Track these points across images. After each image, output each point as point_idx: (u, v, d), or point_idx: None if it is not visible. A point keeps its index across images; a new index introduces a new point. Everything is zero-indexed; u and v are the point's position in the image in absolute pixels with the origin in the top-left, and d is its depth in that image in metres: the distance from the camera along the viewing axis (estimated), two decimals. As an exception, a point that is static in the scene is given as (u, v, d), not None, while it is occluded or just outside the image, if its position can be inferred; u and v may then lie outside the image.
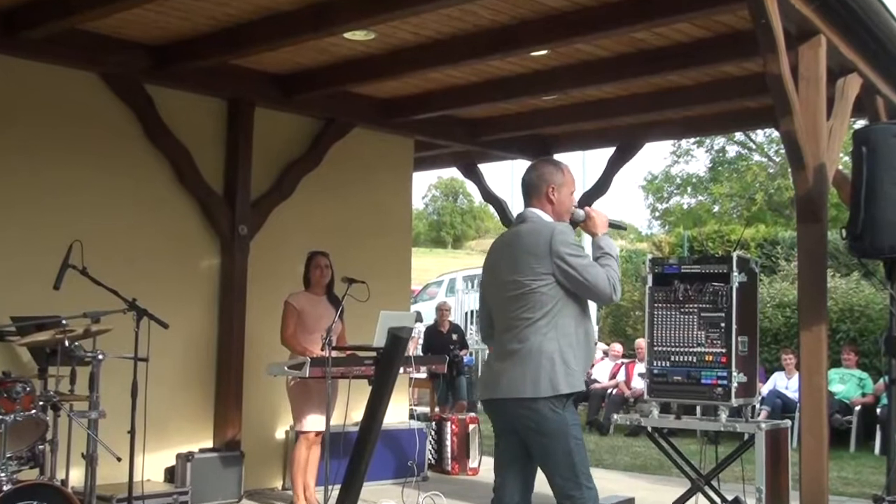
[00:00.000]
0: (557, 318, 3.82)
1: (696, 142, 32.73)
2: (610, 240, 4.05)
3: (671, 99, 7.95)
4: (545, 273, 3.83)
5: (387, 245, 9.05)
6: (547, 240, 3.85)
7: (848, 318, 12.46)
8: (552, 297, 3.82)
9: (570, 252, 3.81)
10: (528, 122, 8.96)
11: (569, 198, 4.06)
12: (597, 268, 3.85)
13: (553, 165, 4.09)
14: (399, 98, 8.27)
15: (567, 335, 3.83)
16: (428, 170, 11.08)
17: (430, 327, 12.33)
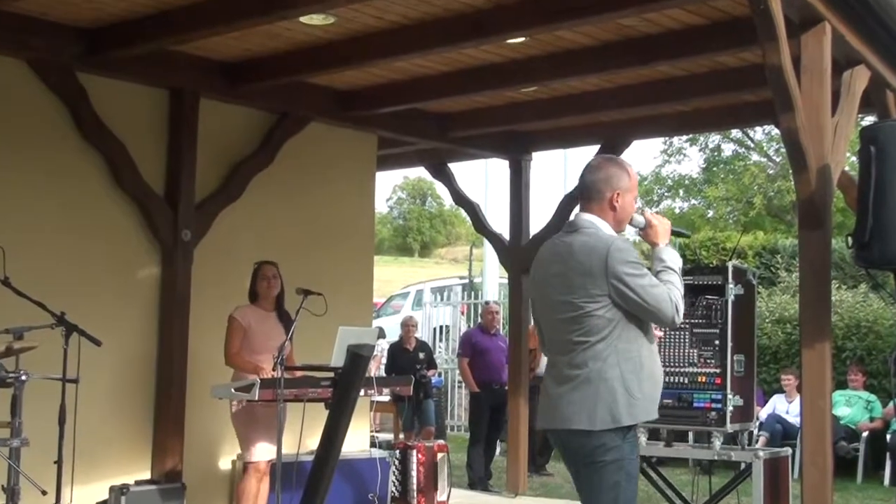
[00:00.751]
0: (617, 341, 3.80)
1: (688, 139, 32.94)
2: (673, 251, 4.02)
3: (662, 92, 7.98)
4: (601, 295, 3.80)
5: (347, 253, 9.02)
6: (602, 258, 3.80)
7: (854, 334, 12.54)
8: (610, 320, 3.80)
9: (629, 272, 3.77)
10: (503, 117, 8.97)
11: (632, 204, 4.03)
12: (658, 287, 3.82)
13: (619, 167, 4.03)
14: (361, 89, 8.24)
15: (630, 360, 3.80)
16: (393, 169, 11.05)
17: (395, 345, 12.29)
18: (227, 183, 8.02)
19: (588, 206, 4.00)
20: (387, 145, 9.59)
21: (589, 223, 3.95)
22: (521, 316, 9.80)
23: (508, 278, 10.14)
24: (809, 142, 5.40)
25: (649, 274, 3.84)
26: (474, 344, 10.95)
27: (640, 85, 8.00)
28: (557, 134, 9.71)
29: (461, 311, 17.57)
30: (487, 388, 10.71)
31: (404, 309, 21.95)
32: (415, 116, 8.97)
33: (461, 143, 9.56)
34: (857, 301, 13.04)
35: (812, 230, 5.51)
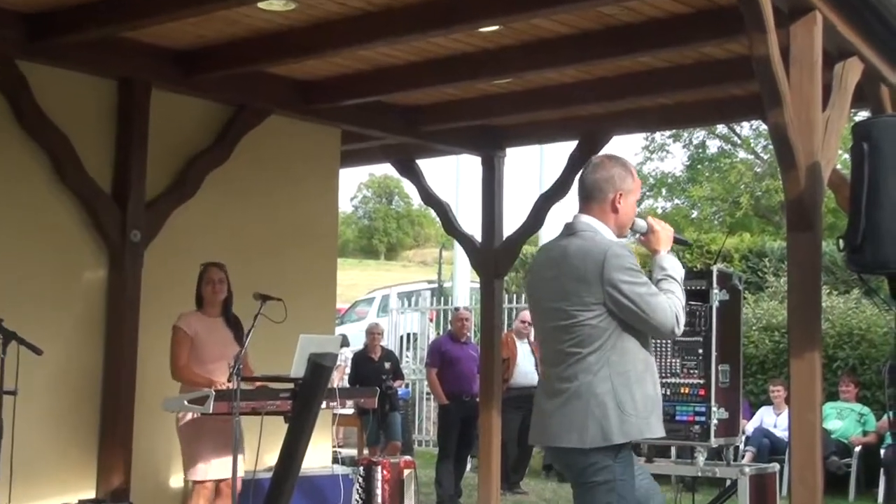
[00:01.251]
0: (611, 353, 3.83)
1: (672, 135, 33.10)
2: (675, 259, 4.06)
3: (643, 85, 8.01)
4: (595, 303, 3.83)
5: (308, 255, 9.01)
6: (598, 263, 3.83)
7: (847, 343, 12.63)
8: (604, 330, 3.83)
9: (626, 279, 3.81)
10: (475, 111, 8.98)
11: (634, 207, 4.08)
12: (658, 297, 3.85)
13: (623, 167, 4.07)
14: (323, 80, 8.23)
15: (623, 373, 3.82)
16: (358, 166, 11.03)
17: (359, 354, 12.29)
18: (180, 180, 7.98)
19: (588, 206, 4.04)
20: (351, 140, 9.57)
21: (587, 226, 3.99)
22: (494, 323, 9.81)
23: (480, 282, 10.15)
24: (799, 138, 5.43)
25: (648, 282, 3.86)
26: (444, 353, 10.96)
27: (620, 77, 8.03)
28: (533, 129, 9.73)
29: (430, 318, 17.55)
30: (457, 400, 10.71)
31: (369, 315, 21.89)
32: (381, 109, 8.96)
33: (430, 139, 9.55)
34: (850, 307, 13.13)
35: (801, 232, 5.55)
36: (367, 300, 24.11)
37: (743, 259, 17.70)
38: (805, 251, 5.56)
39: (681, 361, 5.65)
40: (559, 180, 9.63)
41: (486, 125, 9.67)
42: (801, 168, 5.46)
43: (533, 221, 9.74)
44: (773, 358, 13.05)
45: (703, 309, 5.64)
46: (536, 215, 9.70)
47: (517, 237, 9.79)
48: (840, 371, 12.29)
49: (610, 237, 3.97)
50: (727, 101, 8.49)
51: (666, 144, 34.09)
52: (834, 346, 12.55)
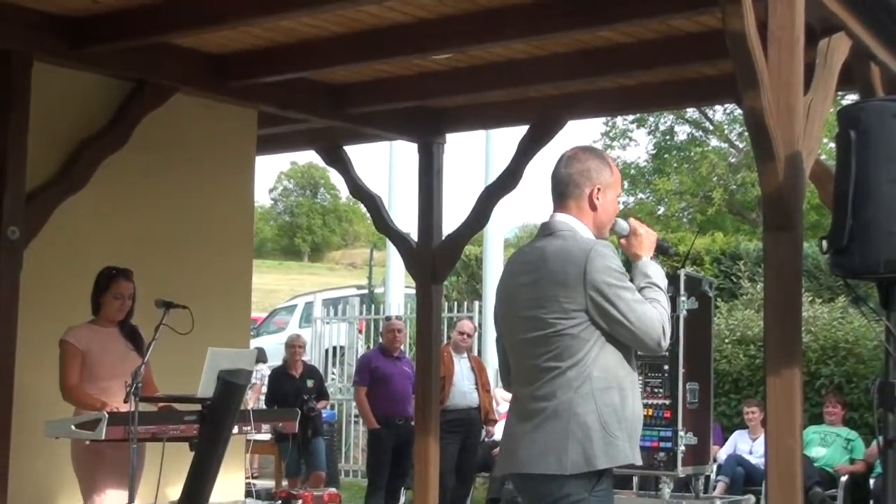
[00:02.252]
0: (593, 367, 3.87)
1: (635, 120, 33.33)
2: (657, 266, 4.11)
3: (604, 62, 8.05)
4: (576, 309, 3.87)
5: (219, 256, 8.96)
6: (580, 265, 3.87)
7: (831, 358, 12.77)
8: (585, 341, 3.87)
9: (611, 282, 3.85)
10: (412, 90, 8.97)
11: (614, 204, 4.13)
12: (644, 305, 3.90)
13: (599, 158, 4.14)
14: (237, 54, 8.18)
15: (607, 390, 3.86)
16: (277, 153, 11.00)
17: (278, 370, 12.23)
18: (67, 168, 7.89)
19: (563, 204, 4.09)
20: (269, 123, 9.52)
21: (566, 225, 4.04)
22: (431, 335, 9.80)
23: (416, 288, 10.13)
24: (777, 124, 5.48)
25: (634, 288, 3.92)
26: (374, 369, 10.94)
27: (577, 53, 8.06)
28: (477, 111, 9.74)
29: (359, 329, 17.50)
30: (389, 424, 10.70)
31: (290, 326, 21.77)
32: (304, 88, 8.92)
33: (360, 122, 9.53)
34: (835, 318, 13.28)
35: (780, 231, 5.59)
36: (287, 308, 23.98)
37: (715, 262, 17.86)
38: (784, 253, 5.61)
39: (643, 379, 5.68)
40: (507, 170, 9.65)
41: (424, 107, 9.66)
42: (780, 159, 5.50)
43: (477, 218, 9.74)
44: (748, 375, 13.16)
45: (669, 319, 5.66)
46: (481, 211, 9.71)
47: (458, 236, 9.79)
48: (824, 390, 12.41)
49: (588, 235, 4.02)
50: (698, 81, 8.55)
51: (629, 131, 34.37)
52: (817, 362, 12.68)
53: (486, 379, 11.68)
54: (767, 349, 5.64)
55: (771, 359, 5.55)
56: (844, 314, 13.41)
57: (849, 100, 18.27)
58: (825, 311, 13.46)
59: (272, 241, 66.41)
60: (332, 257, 63.78)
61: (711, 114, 32.13)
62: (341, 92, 9.15)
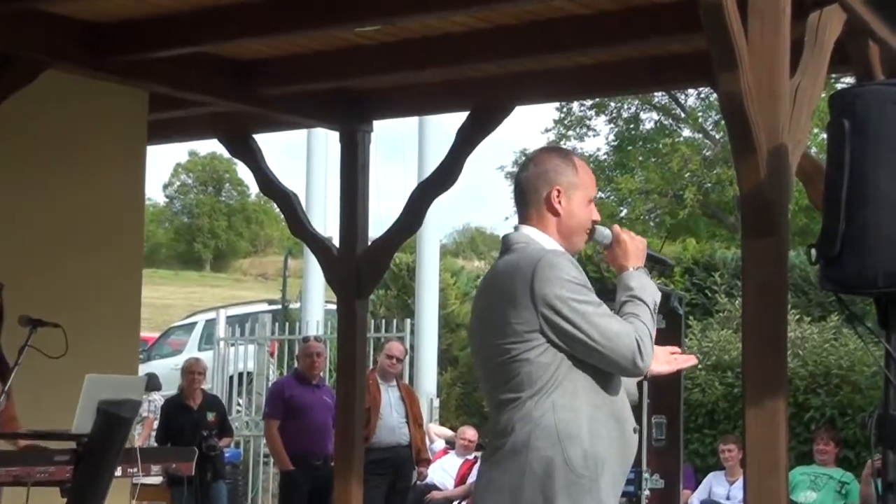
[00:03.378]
0: (557, 395, 3.89)
1: (593, 106, 33.46)
2: (645, 278, 4.15)
3: (556, 37, 8.06)
4: (530, 331, 3.89)
5: (101, 264, 8.88)
6: (526, 280, 3.90)
7: (822, 386, 12.86)
8: (545, 366, 3.89)
9: (563, 295, 3.88)
10: (331, 69, 8.95)
11: (585, 207, 4.15)
12: (610, 319, 3.92)
13: (561, 157, 4.18)
14: (123, 24, 8.12)
15: (573, 421, 3.88)
16: (173, 141, 10.95)
17: (172, 401, 12.14)
18: (-84, 160, 7.79)
19: (524, 214, 4.16)
20: (163, 106, 9.46)
21: (524, 237, 4.10)
22: (355, 358, 9.76)
23: (338, 303, 10.09)
24: (759, 112, 5.49)
25: (597, 301, 3.93)
26: (288, 399, 10.87)
27: (526, 26, 8.08)
28: (409, 95, 9.74)
29: (270, 352, 17.43)
30: (305, 465, 10.64)
31: (188, 348, 21.67)
32: (205, 65, 8.86)
33: (272, 106, 9.50)
34: (826, 340, 13.38)
35: (761, 238, 5.61)
36: (184, 327, 23.87)
37: (686, 273, 17.97)
38: (766, 263, 5.63)
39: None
40: (444, 164, 9.64)
41: (347, 89, 9.64)
42: (762, 152, 5.52)
43: (409, 220, 9.72)
44: (724, 407, 13.24)
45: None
46: (413, 212, 9.69)
47: (387, 241, 9.77)
48: (814, 424, 12.49)
49: (552, 247, 4.05)
50: (667, 61, 8.58)
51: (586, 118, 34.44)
52: (806, 391, 12.77)
53: (419, 411, 11.65)
54: (747, 376, 5.66)
55: (751, 388, 5.56)
56: (837, 335, 13.51)
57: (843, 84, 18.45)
58: (815, 331, 13.57)
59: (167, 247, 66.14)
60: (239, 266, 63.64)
61: (683, 99, 32.30)
62: (249, 70, 9.10)
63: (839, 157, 4.90)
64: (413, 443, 11.10)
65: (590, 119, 34.42)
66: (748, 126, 5.47)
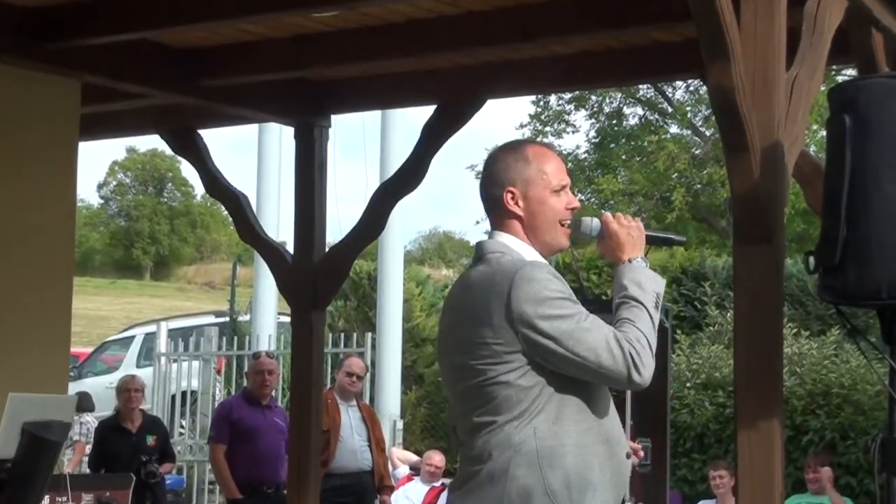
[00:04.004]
0: (540, 419, 3.90)
1: (573, 100, 33.49)
2: (641, 271, 4.10)
3: (533, 23, 8.06)
4: (510, 351, 3.90)
5: (25, 271, 8.83)
6: (502, 297, 3.90)
7: (822, 406, 12.89)
8: (527, 389, 3.90)
9: (542, 313, 3.87)
10: (287, 58, 8.94)
11: (549, 200, 4.12)
12: (595, 333, 3.89)
13: (509, 152, 4.19)
14: (54, 7, 8.10)
15: (555, 449, 3.88)
16: (109, 137, 10.93)
17: (108, 423, 12.12)
18: None
19: (493, 221, 4.19)
20: (98, 98, 9.42)
21: (499, 245, 4.10)
22: (311, 376, 9.74)
23: (292, 315, 10.08)
24: (752, 107, 5.51)
25: (579, 312, 3.92)
26: (236, 422, 10.85)
27: (498, 12, 8.08)
28: (371, 86, 9.73)
29: (217, 369, 17.40)
30: (255, 493, 10.63)
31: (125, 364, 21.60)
32: (145, 53, 8.84)
33: (220, 98, 9.48)
34: (826, 356, 13.41)
35: (754, 244, 5.62)
36: (121, 341, 23.80)
37: (674, 283, 17.99)
38: (760, 272, 5.64)
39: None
40: (409, 163, 9.63)
41: (303, 80, 9.63)
42: (756, 150, 5.53)
43: (370, 224, 9.71)
44: (715, 429, 13.25)
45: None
46: (373, 213, 9.67)
47: (346, 248, 9.76)
48: (812, 448, 12.51)
49: (532, 256, 4.05)
50: (652, 50, 8.60)
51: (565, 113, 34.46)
52: (804, 412, 12.79)
53: (380, 434, 11.64)
54: (739, 396, 5.67)
55: (744, 408, 5.58)
56: (838, 351, 13.54)
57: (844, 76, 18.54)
58: (814, 346, 13.60)
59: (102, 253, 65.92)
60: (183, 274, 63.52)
61: (670, 92, 32.38)
62: (195, 59, 9.08)
63: (839, 156, 4.92)
64: (375, 468, 11.08)
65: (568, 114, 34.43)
66: (740, 122, 5.49)
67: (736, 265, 5.81)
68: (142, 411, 12.03)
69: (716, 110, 5.68)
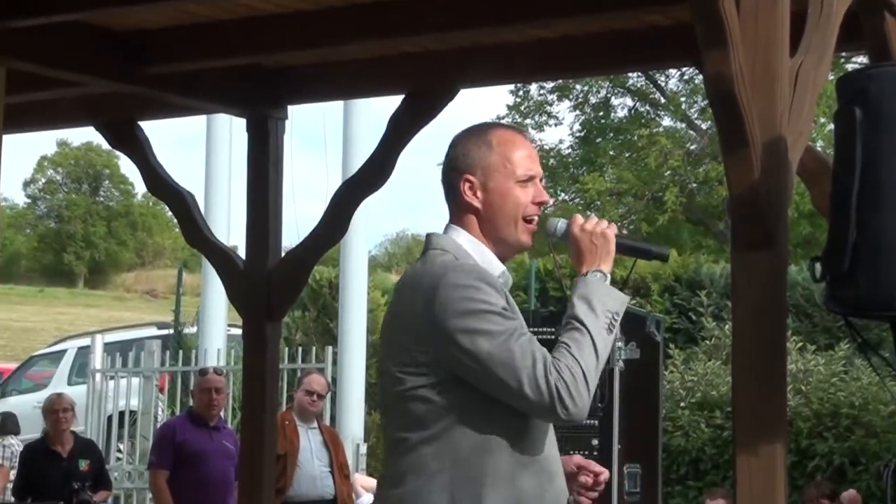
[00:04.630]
0: (457, 444, 3.86)
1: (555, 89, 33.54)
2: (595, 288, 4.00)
3: (510, 4, 8.08)
4: (428, 362, 3.87)
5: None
6: (427, 302, 3.87)
7: (830, 429, 12.91)
8: (444, 409, 3.87)
9: (464, 326, 3.82)
10: (238, 42, 8.93)
11: (512, 193, 4.07)
12: (523, 356, 3.81)
13: (473, 136, 4.15)
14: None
15: (474, 479, 3.84)
16: (37, 129, 10.91)
17: (35, 446, 12.11)
18: None
19: (450, 213, 4.16)
20: (25, 86, 9.39)
21: (443, 243, 4.07)
22: (265, 394, 9.73)
23: (243, 327, 10.07)
24: (753, 98, 5.52)
25: (507, 329, 3.85)
26: (180, 445, 10.85)
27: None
28: (331, 74, 9.72)
29: (159, 386, 17.36)
30: (202, 524, 10.62)
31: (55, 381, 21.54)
32: (77, 36, 8.82)
33: (163, 87, 9.46)
34: (834, 372, 13.43)
35: (754, 250, 5.63)
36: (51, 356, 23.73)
37: (666, 292, 18.02)
38: (761, 280, 5.65)
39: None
40: (374, 159, 9.63)
41: (256, 66, 9.62)
42: (756, 146, 5.54)
43: (331, 226, 9.70)
44: (712, 454, 13.28)
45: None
46: (337, 216, 9.67)
47: (305, 252, 9.74)
48: (820, 474, 12.53)
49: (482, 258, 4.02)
50: (642, 35, 8.61)
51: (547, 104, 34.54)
52: (810, 435, 12.82)
53: (344, 458, 11.64)
54: (738, 417, 5.68)
55: (743, 430, 5.59)
56: (847, 367, 13.56)
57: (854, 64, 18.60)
58: (820, 362, 13.61)
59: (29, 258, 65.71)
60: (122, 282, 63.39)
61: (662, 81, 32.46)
62: (134, 43, 9.06)
63: (849, 152, 4.93)
64: (339, 496, 11.09)
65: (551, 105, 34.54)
66: (740, 114, 5.49)
67: (734, 272, 5.81)
68: (73, 433, 12.02)
69: (712, 101, 5.69)
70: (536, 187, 4.08)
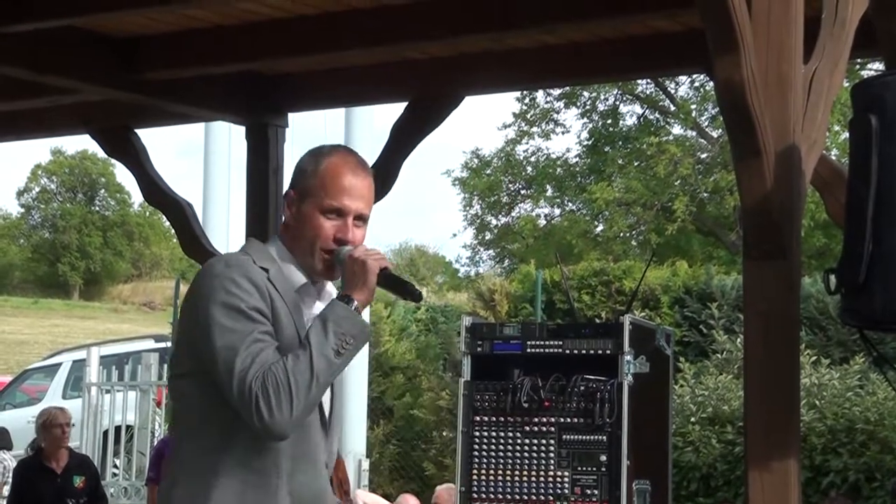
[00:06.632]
0: (199, 447, 3.92)
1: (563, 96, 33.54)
2: (339, 310, 4.02)
3: (516, 10, 8.08)
4: (185, 352, 4.02)
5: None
6: (192, 289, 4.00)
7: (845, 444, 12.88)
8: (194, 401, 3.96)
9: (210, 316, 3.88)
10: (237, 48, 8.97)
11: (313, 221, 4.12)
12: (244, 358, 3.85)
13: (315, 155, 4.24)
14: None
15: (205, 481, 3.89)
16: (32, 137, 10.91)
17: (29, 462, 12.11)
18: None
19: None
20: (19, 94, 9.41)
21: (254, 246, 4.16)
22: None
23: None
24: (765, 105, 5.52)
25: (248, 331, 3.88)
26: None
27: (478, -2, 8.11)
28: (332, 81, 9.74)
29: (157, 400, 17.34)
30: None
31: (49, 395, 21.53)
32: (73, 42, 8.84)
33: (160, 94, 9.48)
34: (849, 387, 13.39)
35: (767, 261, 5.63)
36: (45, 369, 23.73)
37: (676, 304, 17.99)
38: (774, 292, 5.65)
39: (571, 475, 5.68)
40: (377, 168, 9.59)
41: (255, 73, 9.63)
42: (769, 154, 5.54)
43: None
44: (723, 470, 13.26)
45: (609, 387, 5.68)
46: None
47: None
48: (834, 491, 12.51)
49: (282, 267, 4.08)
50: (651, 41, 8.62)
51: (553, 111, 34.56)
52: (824, 451, 12.79)
53: (344, 475, 11.57)
54: (750, 432, 5.67)
55: (755, 446, 5.58)
56: (863, 382, 13.53)
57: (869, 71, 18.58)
58: (835, 376, 13.58)
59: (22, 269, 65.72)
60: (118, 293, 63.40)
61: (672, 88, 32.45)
62: (131, 48, 9.08)
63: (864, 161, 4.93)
64: (337, 516, 11.06)
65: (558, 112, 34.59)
66: (752, 122, 5.49)
67: (746, 284, 5.81)
68: (69, 449, 12.00)
69: (723, 109, 5.68)
70: (343, 223, 4.13)
